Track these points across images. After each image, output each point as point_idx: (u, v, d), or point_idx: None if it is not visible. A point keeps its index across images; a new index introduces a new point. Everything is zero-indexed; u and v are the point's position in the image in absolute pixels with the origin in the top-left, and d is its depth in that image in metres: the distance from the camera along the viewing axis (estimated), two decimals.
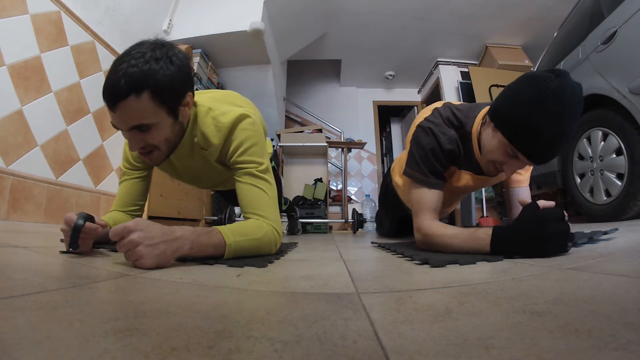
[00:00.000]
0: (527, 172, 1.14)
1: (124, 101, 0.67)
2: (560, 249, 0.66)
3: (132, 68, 0.66)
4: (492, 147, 0.84)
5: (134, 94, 0.66)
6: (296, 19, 3.27)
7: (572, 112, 0.71)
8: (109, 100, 0.68)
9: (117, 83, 0.65)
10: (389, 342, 0.26)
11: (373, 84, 4.88)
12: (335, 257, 0.87)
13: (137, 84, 0.66)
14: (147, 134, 0.74)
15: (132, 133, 0.73)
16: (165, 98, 0.71)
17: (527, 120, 0.73)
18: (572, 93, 0.70)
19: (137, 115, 0.70)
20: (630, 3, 1.49)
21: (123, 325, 0.28)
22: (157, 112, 0.72)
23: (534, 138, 0.73)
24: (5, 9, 1.38)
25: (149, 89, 0.68)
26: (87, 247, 0.70)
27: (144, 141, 0.76)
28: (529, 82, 0.74)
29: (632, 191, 1.43)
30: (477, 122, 0.93)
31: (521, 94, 0.75)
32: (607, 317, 0.29)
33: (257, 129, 0.87)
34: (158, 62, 0.69)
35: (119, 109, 0.68)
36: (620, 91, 1.47)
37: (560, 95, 0.70)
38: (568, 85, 0.70)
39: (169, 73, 0.70)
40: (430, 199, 0.93)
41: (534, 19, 3.38)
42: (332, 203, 3.98)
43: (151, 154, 0.80)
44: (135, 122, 0.71)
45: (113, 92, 0.67)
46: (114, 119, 0.71)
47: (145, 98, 0.68)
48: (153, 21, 2.52)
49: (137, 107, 0.68)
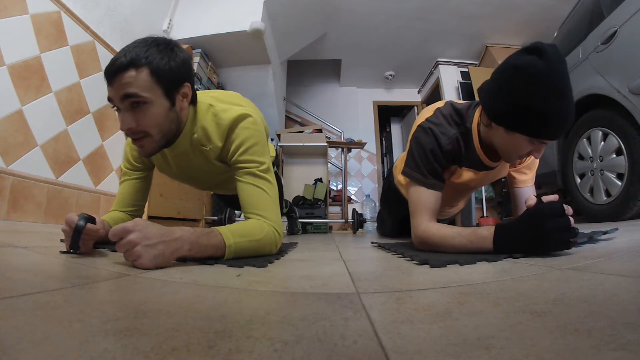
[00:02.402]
0: (532, 172, 1.14)
1: (122, 73, 0.70)
2: (562, 245, 0.64)
3: (134, 49, 0.72)
4: (515, 147, 0.85)
5: (133, 67, 0.70)
6: (296, 19, 3.27)
7: (565, 77, 0.74)
8: (109, 73, 0.71)
9: (118, 59, 0.70)
10: (389, 342, 0.26)
11: (373, 84, 4.88)
12: (335, 257, 0.87)
13: (137, 60, 0.71)
14: (140, 111, 0.74)
15: (125, 106, 0.73)
16: (162, 78, 0.74)
17: (540, 111, 0.74)
18: (558, 61, 0.72)
19: (133, 85, 0.71)
20: (630, 3, 1.49)
21: (123, 325, 0.28)
22: (153, 89, 0.73)
23: (551, 120, 0.75)
24: (5, 9, 1.38)
25: (148, 67, 0.71)
26: (87, 249, 0.70)
27: (135, 121, 0.74)
28: (518, 74, 0.75)
29: (632, 191, 1.43)
30: (475, 118, 0.94)
31: (517, 88, 0.75)
32: (607, 317, 0.29)
33: (258, 129, 0.87)
34: (158, 47, 0.74)
35: (116, 80, 0.71)
36: (620, 91, 1.47)
37: (552, 73, 0.72)
38: (552, 59, 0.72)
39: (169, 59, 0.74)
40: (429, 200, 0.93)
41: (534, 19, 3.38)
42: (332, 203, 3.98)
43: (142, 140, 0.78)
44: (130, 90, 0.71)
45: (113, 66, 0.70)
46: (110, 91, 0.73)
47: (143, 73, 0.71)
48: (153, 21, 2.52)
49: (135, 78, 0.71)
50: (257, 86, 3.32)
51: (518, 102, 0.76)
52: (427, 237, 0.87)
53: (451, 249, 0.81)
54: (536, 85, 0.72)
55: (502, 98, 0.79)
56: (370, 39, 3.85)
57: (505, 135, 0.84)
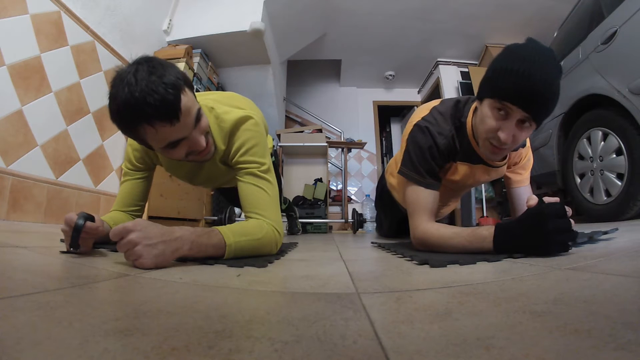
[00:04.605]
0: (527, 172, 1.14)
1: (182, 104, 0.66)
2: (561, 247, 0.64)
3: (161, 78, 0.64)
4: (481, 118, 0.84)
5: (182, 92, 0.67)
6: (296, 19, 3.27)
7: (541, 55, 0.74)
8: (170, 113, 0.65)
9: (166, 95, 0.63)
10: (389, 342, 0.26)
11: (373, 84, 4.88)
12: (335, 257, 0.87)
13: (178, 83, 0.66)
14: (202, 121, 0.75)
15: (195, 131, 0.73)
16: (190, 85, 0.73)
17: (501, 68, 0.77)
18: (545, 49, 0.76)
19: (193, 107, 0.71)
20: (630, 3, 1.49)
21: (123, 325, 0.28)
22: (195, 99, 0.74)
23: (512, 78, 0.74)
24: (5, 9, 1.38)
25: (184, 83, 0.69)
26: (87, 247, 0.70)
27: (203, 131, 0.76)
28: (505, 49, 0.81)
29: (632, 191, 1.43)
30: (470, 112, 0.94)
31: (498, 58, 0.81)
32: (607, 317, 0.29)
33: (259, 130, 0.88)
34: (163, 66, 0.69)
35: (182, 115, 0.67)
36: (620, 91, 1.47)
37: (535, 49, 0.75)
38: (540, 45, 0.76)
39: (175, 67, 0.72)
40: (426, 200, 0.93)
41: (534, 19, 3.38)
42: (332, 203, 3.98)
43: (209, 141, 0.80)
44: (195, 113, 0.72)
45: (169, 104, 0.64)
46: (177, 130, 0.68)
47: (187, 91, 0.70)
48: (153, 21, 2.52)
49: (189, 100, 0.69)
50: (257, 86, 3.32)
51: (494, 65, 0.79)
52: (426, 237, 0.87)
53: (451, 249, 0.80)
54: (513, 52, 0.77)
55: (485, 72, 0.83)
56: (370, 39, 3.85)
57: (478, 108, 0.86)
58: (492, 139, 0.84)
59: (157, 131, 0.67)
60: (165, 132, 0.68)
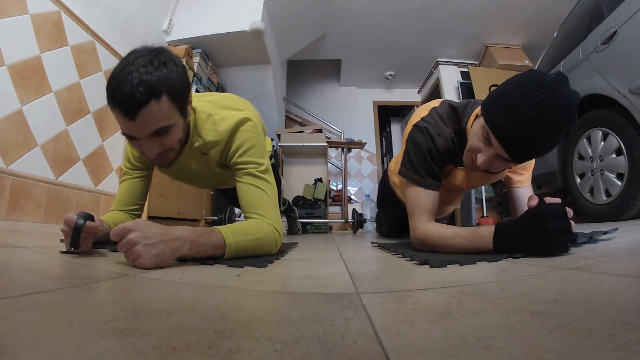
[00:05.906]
0: (528, 172, 1.14)
1: (145, 108, 0.66)
2: (561, 248, 0.64)
3: (146, 75, 0.65)
4: (473, 131, 0.83)
5: (154, 99, 0.66)
6: (296, 19, 3.27)
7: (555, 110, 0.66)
8: (129, 109, 0.65)
9: (135, 91, 0.64)
10: (389, 342, 0.26)
11: (373, 84, 4.88)
12: (335, 257, 0.87)
13: (156, 89, 0.66)
14: (166, 136, 0.74)
15: (151, 138, 0.72)
16: (178, 98, 0.72)
17: (509, 97, 0.71)
18: (562, 97, 0.66)
19: (159, 119, 0.69)
20: (630, 3, 1.49)
21: (123, 325, 0.28)
22: (174, 113, 0.73)
23: (509, 117, 0.70)
24: (5, 9, 1.38)
25: (167, 92, 0.68)
26: (87, 247, 0.71)
27: (162, 145, 0.75)
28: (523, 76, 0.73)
29: (632, 191, 1.43)
30: (471, 119, 0.93)
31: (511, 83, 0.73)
32: (607, 317, 0.29)
33: (257, 131, 0.88)
34: (167, 66, 0.69)
35: (139, 117, 0.66)
36: (620, 91, 1.47)
37: (548, 88, 0.67)
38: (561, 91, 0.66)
39: (178, 75, 0.71)
40: (426, 200, 0.93)
41: (534, 19, 3.38)
42: (332, 203, 3.98)
43: (167, 155, 0.80)
44: (158, 126, 0.70)
45: (132, 101, 0.65)
46: (132, 128, 0.69)
47: (164, 101, 0.68)
48: (153, 21, 2.52)
49: (158, 111, 0.68)
50: (257, 86, 3.32)
51: (506, 89, 0.73)
52: (426, 237, 0.87)
53: (451, 249, 0.80)
54: (531, 88, 0.68)
55: (499, 86, 0.77)
56: (370, 39, 3.85)
57: (475, 123, 0.83)
58: (473, 154, 0.84)
59: (118, 116, 0.68)
60: (123, 122, 0.69)
